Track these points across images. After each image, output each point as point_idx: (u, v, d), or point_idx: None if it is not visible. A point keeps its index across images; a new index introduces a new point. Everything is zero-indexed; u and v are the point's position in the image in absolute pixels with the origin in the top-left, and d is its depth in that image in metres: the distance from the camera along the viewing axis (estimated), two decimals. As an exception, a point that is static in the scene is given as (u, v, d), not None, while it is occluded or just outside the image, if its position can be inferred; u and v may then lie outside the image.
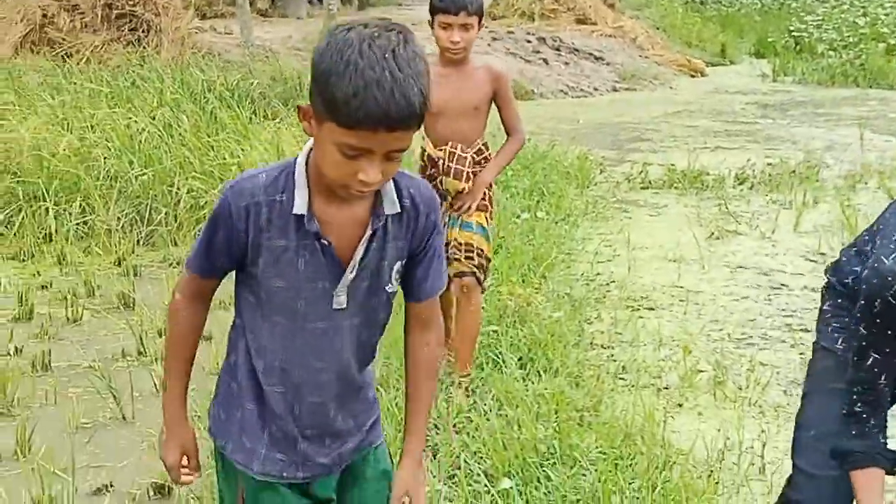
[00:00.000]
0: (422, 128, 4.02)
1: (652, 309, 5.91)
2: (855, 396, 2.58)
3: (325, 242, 2.07)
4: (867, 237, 2.80)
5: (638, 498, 3.58)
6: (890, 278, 2.44)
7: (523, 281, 5.96)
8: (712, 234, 7.37)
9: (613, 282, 6.35)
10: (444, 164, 4.43)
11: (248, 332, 2.17)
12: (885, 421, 2.64)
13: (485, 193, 4.52)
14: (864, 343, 2.55)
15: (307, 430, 2.20)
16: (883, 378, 2.56)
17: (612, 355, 5.20)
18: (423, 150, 4.51)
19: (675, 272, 6.51)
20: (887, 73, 16.54)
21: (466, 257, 4.46)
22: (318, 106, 1.94)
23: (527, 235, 6.89)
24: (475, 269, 4.48)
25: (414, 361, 2.32)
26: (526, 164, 8.84)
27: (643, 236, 7.31)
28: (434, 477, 3.74)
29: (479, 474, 3.72)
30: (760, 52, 20.40)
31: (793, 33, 20.13)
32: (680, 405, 4.65)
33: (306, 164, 2.07)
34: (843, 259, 2.89)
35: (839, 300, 2.85)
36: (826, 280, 2.95)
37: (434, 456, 3.95)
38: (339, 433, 2.24)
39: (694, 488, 3.67)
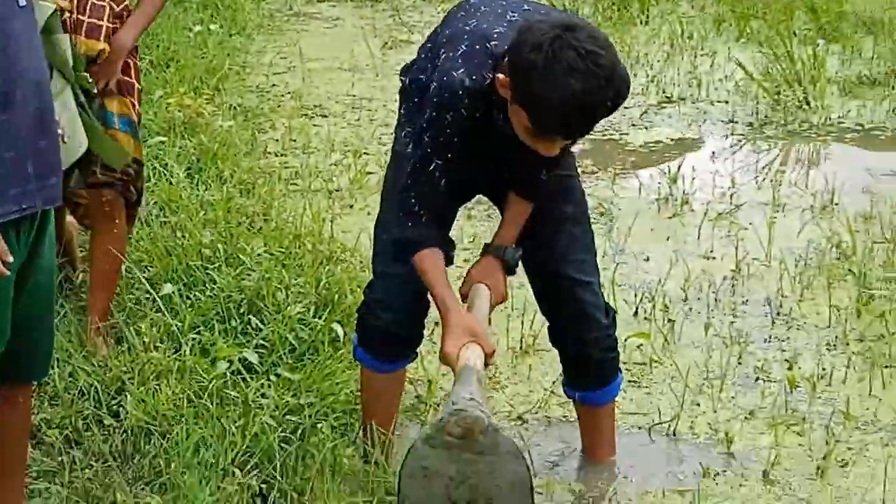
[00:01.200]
0: None
1: (325, 116, 5.94)
2: (413, 200, 2.60)
3: None
4: (443, 39, 2.65)
5: (302, 292, 3.65)
6: (461, 92, 2.45)
7: (195, 92, 5.81)
8: (386, 43, 7.39)
9: (289, 93, 6.30)
10: (72, 18, 3.28)
11: None
12: (441, 219, 2.70)
13: (128, 63, 3.44)
14: (429, 150, 2.56)
15: (32, 147, 2.26)
16: (443, 183, 2.59)
17: (286, 162, 5.21)
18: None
19: (350, 81, 6.53)
20: None
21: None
22: None
23: (199, 49, 6.68)
24: (119, 180, 3.42)
25: None
26: (200, -22, 8.53)
27: (319, 48, 7.24)
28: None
29: (141, 281, 3.68)
30: None
31: None
32: (350, 206, 4.76)
33: None
34: (420, 58, 2.76)
35: (412, 103, 2.74)
36: (401, 82, 2.86)
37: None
38: (46, 153, 2.31)
39: (358, 280, 3.77)
